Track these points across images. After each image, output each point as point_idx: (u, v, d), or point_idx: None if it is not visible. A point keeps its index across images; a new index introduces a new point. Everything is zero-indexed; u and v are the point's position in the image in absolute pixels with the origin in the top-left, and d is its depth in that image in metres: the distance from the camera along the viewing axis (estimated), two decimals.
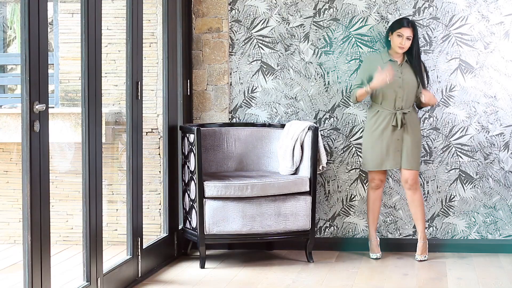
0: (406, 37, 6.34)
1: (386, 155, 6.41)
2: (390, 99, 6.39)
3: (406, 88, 6.38)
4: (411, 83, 6.39)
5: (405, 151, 6.40)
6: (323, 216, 6.89)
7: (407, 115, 6.40)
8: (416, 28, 6.38)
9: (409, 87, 6.39)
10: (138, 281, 5.76)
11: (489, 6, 6.66)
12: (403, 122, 6.38)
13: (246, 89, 6.92)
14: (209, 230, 6.21)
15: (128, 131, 5.74)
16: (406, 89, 6.38)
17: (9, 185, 6.74)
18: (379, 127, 6.41)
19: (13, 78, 7.17)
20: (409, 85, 6.38)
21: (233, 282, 5.84)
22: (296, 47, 6.85)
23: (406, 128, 6.40)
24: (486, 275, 6.01)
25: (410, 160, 6.40)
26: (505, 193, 6.73)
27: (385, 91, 6.38)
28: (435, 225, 6.80)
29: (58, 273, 5.35)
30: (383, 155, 6.42)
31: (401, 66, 6.42)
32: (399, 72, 6.40)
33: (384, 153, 6.41)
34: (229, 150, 6.79)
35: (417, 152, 6.44)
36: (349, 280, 5.87)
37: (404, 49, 6.37)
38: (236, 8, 6.88)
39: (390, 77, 6.25)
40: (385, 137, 6.41)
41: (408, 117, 6.40)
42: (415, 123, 6.45)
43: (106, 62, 6.47)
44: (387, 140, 6.40)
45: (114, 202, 6.82)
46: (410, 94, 6.40)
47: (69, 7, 6.80)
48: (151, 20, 6.72)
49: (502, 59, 6.67)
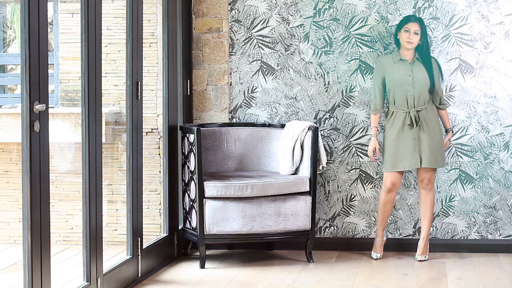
0: (413, 32, 6.33)
1: (403, 155, 6.37)
2: (402, 99, 6.38)
3: (417, 86, 6.36)
4: (422, 81, 6.37)
5: (423, 150, 6.37)
6: (323, 216, 6.89)
7: (422, 113, 6.37)
8: (423, 24, 6.37)
9: (420, 85, 6.37)
10: (138, 281, 5.76)
11: (489, 6, 6.66)
12: (417, 120, 6.37)
13: (246, 89, 6.92)
14: (209, 230, 6.21)
15: (128, 131, 5.74)
16: (417, 87, 6.36)
17: (9, 185, 6.74)
18: (395, 127, 6.39)
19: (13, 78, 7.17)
20: (420, 83, 6.37)
21: (233, 282, 5.84)
22: (296, 47, 6.85)
23: (422, 127, 6.37)
24: (486, 275, 6.01)
25: (430, 158, 6.37)
26: (505, 193, 6.73)
27: (396, 91, 6.38)
28: (435, 225, 6.80)
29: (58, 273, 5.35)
30: (397, 156, 6.38)
31: (412, 64, 6.40)
32: (409, 71, 6.39)
33: (399, 154, 6.37)
34: (229, 150, 6.79)
35: (437, 150, 6.39)
36: (349, 280, 5.87)
37: (412, 43, 6.34)
38: (236, 8, 6.88)
39: (372, 159, 6.54)
40: (401, 137, 6.37)
41: (424, 114, 6.37)
42: (432, 120, 6.40)
43: (106, 62, 6.47)
44: (404, 140, 6.37)
45: (114, 202, 6.82)
46: (422, 91, 6.37)
47: (69, 7, 6.80)
48: (151, 20, 6.72)
49: (502, 59, 6.67)
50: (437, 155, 6.41)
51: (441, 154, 6.44)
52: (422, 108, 6.38)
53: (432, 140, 6.39)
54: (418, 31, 6.34)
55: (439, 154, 6.42)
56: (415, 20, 6.37)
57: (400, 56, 6.42)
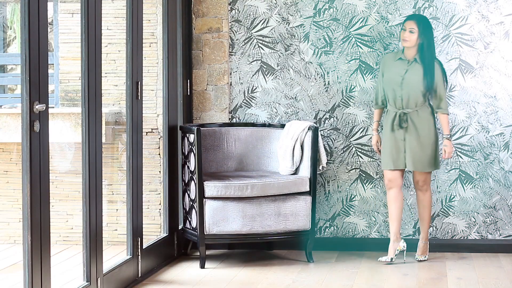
0: (408, 30, 6.26)
1: (394, 154, 6.36)
2: (391, 99, 6.36)
3: (406, 87, 6.29)
4: (414, 83, 6.28)
5: (408, 152, 6.32)
6: (323, 216, 6.89)
7: (412, 115, 6.29)
8: (422, 22, 6.26)
9: (409, 86, 6.28)
10: (138, 281, 5.76)
11: (489, 6, 6.66)
12: (402, 121, 6.34)
13: (246, 89, 6.92)
14: (209, 230, 6.21)
15: (128, 131, 5.74)
16: (405, 88, 6.29)
17: (9, 185, 6.73)
18: (388, 126, 6.38)
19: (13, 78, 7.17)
20: (409, 85, 6.28)
21: (233, 282, 5.84)
22: (296, 47, 6.85)
23: (409, 129, 6.32)
24: (486, 275, 6.01)
25: (414, 162, 6.31)
26: (505, 193, 6.73)
27: (387, 90, 6.36)
28: (435, 225, 6.80)
29: (58, 273, 5.35)
30: (390, 154, 6.36)
31: (409, 65, 6.33)
32: (404, 71, 6.32)
33: (391, 152, 6.36)
34: (229, 150, 6.80)
35: (423, 153, 6.29)
36: (349, 280, 5.87)
37: (407, 42, 6.26)
38: (236, 8, 6.88)
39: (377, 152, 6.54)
40: (393, 136, 6.35)
41: (414, 117, 6.30)
42: (423, 123, 6.29)
43: (106, 62, 6.47)
44: (394, 140, 6.35)
45: (114, 202, 6.82)
46: (412, 93, 6.28)
47: (69, 7, 6.80)
48: (151, 20, 6.72)
49: (502, 59, 6.67)
50: (423, 158, 6.31)
51: (430, 158, 6.31)
52: (413, 110, 6.30)
53: (419, 144, 6.29)
54: (414, 29, 6.26)
55: (425, 158, 6.31)
56: (412, 18, 6.30)
57: (401, 55, 6.37)
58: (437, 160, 6.36)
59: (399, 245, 6.37)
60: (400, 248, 6.37)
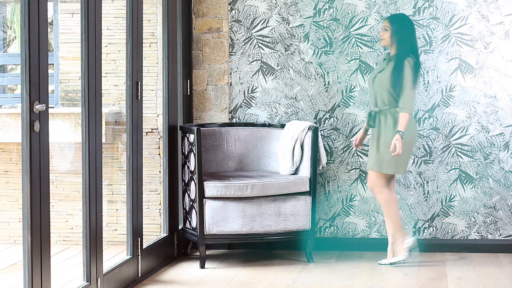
0: (384, 28, 6.25)
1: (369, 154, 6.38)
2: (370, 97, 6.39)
3: (376, 85, 6.23)
4: (381, 82, 6.20)
5: (370, 151, 6.29)
6: (323, 216, 6.90)
7: (380, 115, 6.23)
8: (398, 21, 6.20)
9: (378, 85, 6.22)
10: (138, 281, 5.76)
11: (489, 6, 6.67)
12: (371, 120, 6.29)
13: (246, 89, 6.92)
14: (209, 230, 6.21)
15: (128, 131, 5.74)
16: (375, 87, 6.25)
17: (9, 185, 6.74)
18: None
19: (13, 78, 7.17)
20: (379, 83, 6.21)
21: (233, 282, 5.84)
22: (296, 47, 6.85)
23: (376, 128, 6.25)
24: (486, 275, 6.01)
25: (371, 161, 6.27)
26: (505, 193, 6.73)
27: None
28: (435, 225, 6.80)
29: (58, 273, 5.35)
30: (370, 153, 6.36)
31: (387, 63, 6.27)
32: (378, 70, 6.29)
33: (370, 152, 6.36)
34: (229, 150, 6.80)
35: (378, 154, 6.18)
36: (349, 280, 5.87)
37: (382, 40, 6.24)
38: (236, 8, 6.89)
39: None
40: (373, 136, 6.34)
41: (381, 117, 6.23)
42: (387, 126, 6.18)
43: (106, 62, 6.47)
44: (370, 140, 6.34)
45: (114, 202, 6.82)
46: (379, 92, 6.22)
47: (69, 7, 6.80)
48: (151, 20, 6.72)
49: (502, 59, 6.67)
50: (372, 157, 6.23)
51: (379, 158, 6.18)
52: (380, 110, 6.23)
53: (377, 144, 6.21)
54: (387, 27, 6.21)
55: (375, 156, 6.21)
56: (388, 17, 6.28)
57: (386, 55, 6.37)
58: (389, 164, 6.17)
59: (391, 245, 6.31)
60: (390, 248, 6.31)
